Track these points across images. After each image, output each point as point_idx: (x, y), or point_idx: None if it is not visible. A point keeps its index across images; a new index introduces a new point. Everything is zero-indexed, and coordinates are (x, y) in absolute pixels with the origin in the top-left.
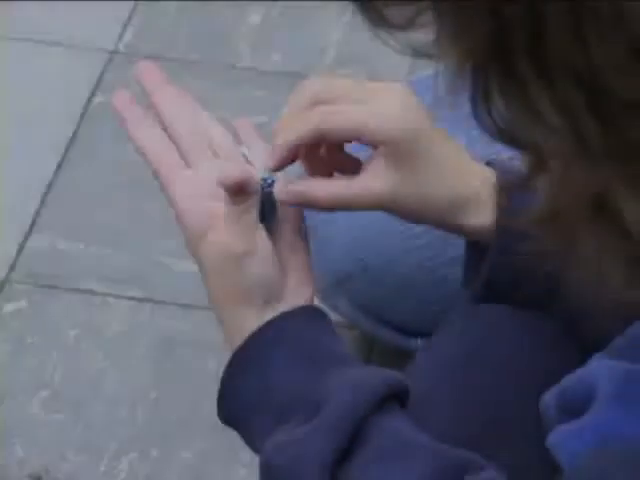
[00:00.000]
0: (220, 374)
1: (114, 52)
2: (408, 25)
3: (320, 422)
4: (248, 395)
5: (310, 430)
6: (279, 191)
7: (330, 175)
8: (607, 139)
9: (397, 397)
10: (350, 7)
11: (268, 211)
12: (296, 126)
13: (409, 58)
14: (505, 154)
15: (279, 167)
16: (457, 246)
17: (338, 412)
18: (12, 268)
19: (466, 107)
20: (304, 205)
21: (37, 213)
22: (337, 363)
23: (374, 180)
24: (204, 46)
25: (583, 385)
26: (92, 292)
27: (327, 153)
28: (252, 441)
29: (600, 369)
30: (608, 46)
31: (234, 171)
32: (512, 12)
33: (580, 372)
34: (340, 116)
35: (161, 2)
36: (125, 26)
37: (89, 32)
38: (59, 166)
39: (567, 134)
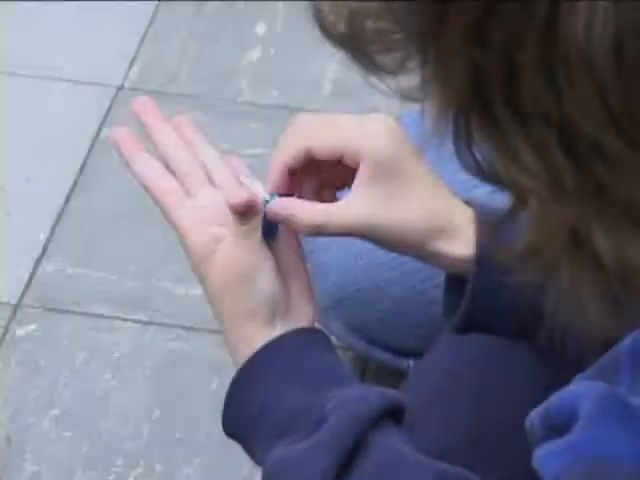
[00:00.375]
0: (220, 393)
1: (120, 87)
2: (397, 70)
3: (321, 438)
4: (251, 410)
5: (312, 445)
6: (269, 207)
7: None
8: (579, 177)
9: (394, 414)
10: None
11: (269, 230)
12: (287, 145)
13: None
14: (486, 187)
15: (276, 187)
16: None
17: (338, 428)
18: (24, 293)
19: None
20: (288, 224)
21: (48, 241)
22: (337, 382)
23: (351, 206)
24: (206, 82)
25: (566, 404)
26: (100, 315)
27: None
28: (253, 454)
29: (583, 389)
30: (577, 91)
31: (241, 194)
32: (487, 61)
33: (564, 392)
34: (327, 132)
35: (165, 40)
36: (131, 63)
37: (98, 69)
38: (68, 196)
39: (542, 173)
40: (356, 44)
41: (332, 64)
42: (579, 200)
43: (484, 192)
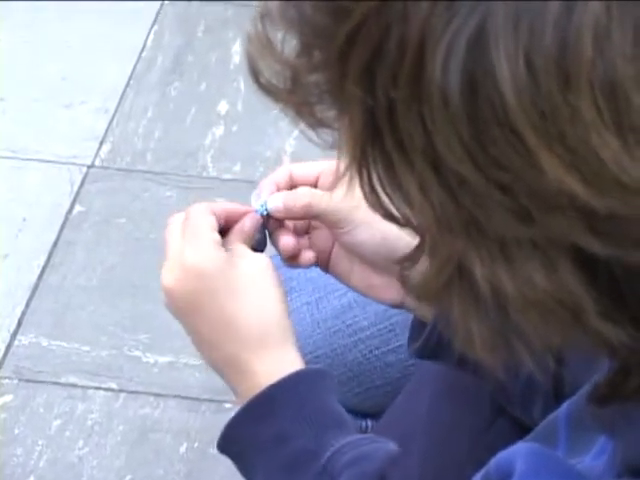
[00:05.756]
0: (189, 456)
1: (91, 166)
2: (332, 123)
3: None
4: (264, 437)
5: None
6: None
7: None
8: (457, 212)
9: None
10: (297, 122)
11: (261, 242)
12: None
13: None
14: None
15: (268, 192)
16: (400, 336)
17: None
18: (0, 366)
19: None
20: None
21: (23, 314)
22: (341, 427)
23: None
24: (172, 159)
25: (504, 464)
26: (73, 385)
27: None
28: (251, 475)
29: (519, 450)
30: (439, 127)
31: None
32: (375, 102)
33: (502, 453)
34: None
35: (132, 122)
36: (101, 143)
37: (70, 149)
38: (42, 271)
39: (426, 208)
40: (296, 98)
41: (290, 139)
42: (460, 235)
43: None
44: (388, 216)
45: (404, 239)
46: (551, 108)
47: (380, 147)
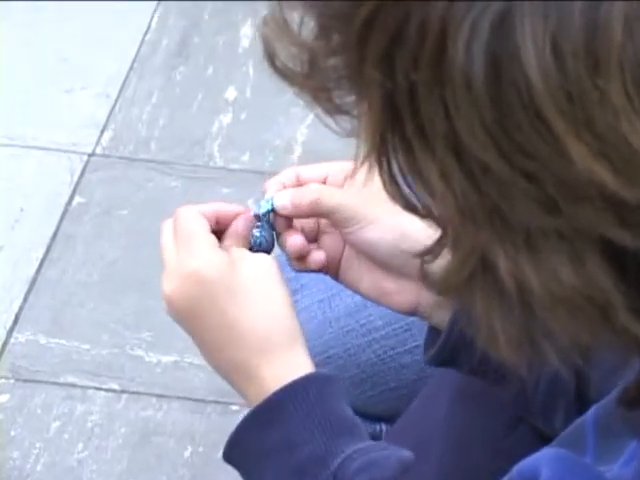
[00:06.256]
0: (194, 461)
1: (92, 154)
2: (350, 109)
3: None
4: (267, 442)
5: None
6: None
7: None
8: (480, 202)
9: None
10: (312, 107)
11: (269, 242)
12: (281, 173)
13: None
14: None
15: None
16: (417, 336)
17: None
18: None
19: None
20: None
21: (20, 310)
22: (352, 433)
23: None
24: (177, 147)
25: (528, 471)
26: (72, 385)
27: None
28: None
29: (544, 456)
30: (461, 111)
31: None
32: (395, 86)
33: (525, 460)
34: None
35: (135, 108)
36: (102, 130)
37: (70, 137)
38: (40, 265)
39: (448, 198)
40: (313, 82)
41: (301, 128)
42: (484, 225)
43: None
44: (408, 207)
45: (417, 237)
46: (579, 92)
47: (400, 133)
